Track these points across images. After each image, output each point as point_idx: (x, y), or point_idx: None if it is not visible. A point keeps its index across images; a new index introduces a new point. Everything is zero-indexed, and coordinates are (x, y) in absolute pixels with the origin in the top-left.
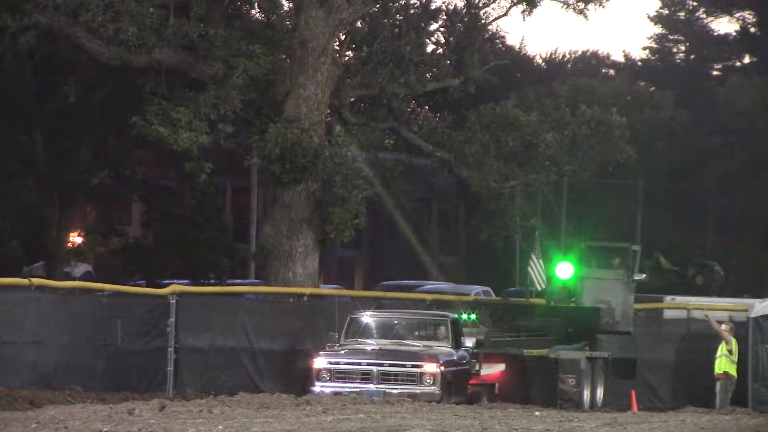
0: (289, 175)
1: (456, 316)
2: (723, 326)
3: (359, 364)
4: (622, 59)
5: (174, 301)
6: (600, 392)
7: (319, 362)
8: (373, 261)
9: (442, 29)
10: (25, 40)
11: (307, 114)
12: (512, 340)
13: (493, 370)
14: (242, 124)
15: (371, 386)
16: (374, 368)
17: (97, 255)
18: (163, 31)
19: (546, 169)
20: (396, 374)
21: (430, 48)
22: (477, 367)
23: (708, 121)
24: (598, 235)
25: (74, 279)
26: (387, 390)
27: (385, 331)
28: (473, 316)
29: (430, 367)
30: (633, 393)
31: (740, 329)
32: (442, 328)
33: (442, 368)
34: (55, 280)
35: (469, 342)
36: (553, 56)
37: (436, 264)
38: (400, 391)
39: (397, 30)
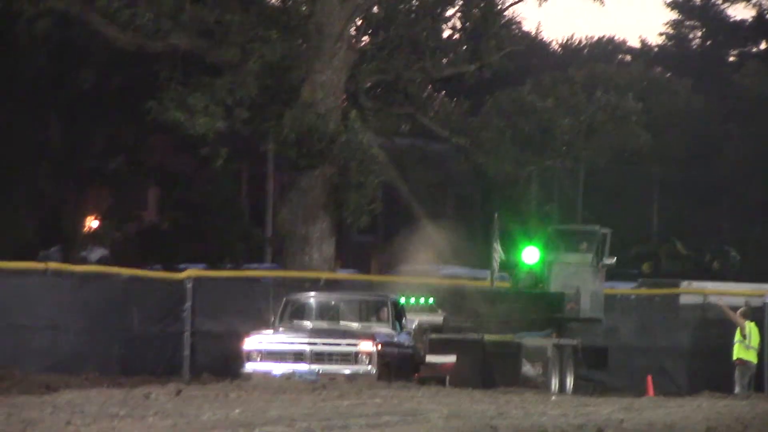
0: (305, 160)
1: (397, 298)
2: (739, 311)
3: (291, 343)
4: (638, 45)
5: (190, 286)
6: (569, 381)
7: (250, 343)
8: (389, 246)
9: (458, 14)
10: (41, 26)
11: (323, 99)
12: (472, 325)
13: (444, 360)
14: (258, 109)
15: (304, 366)
16: (307, 348)
17: (113, 240)
18: (179, 17)
19: (562, 154)
20: (330, 353)
21: (446, 33)
22: (423, 354)
23: (724, 107)
24: (615, 221)
25: (90, 263)
26: (321, 370)
27: (322, 312)
28: (431, 300)
29: (366, 346)
30: (649, 378)
31: (757, 314)
32: (383, 310)
33: (379, 347)
34: (71, 264)
35: (412, 325)
36: (570, 42)
37: (453, 249)
38: (334, 371)
39: (413, 15)
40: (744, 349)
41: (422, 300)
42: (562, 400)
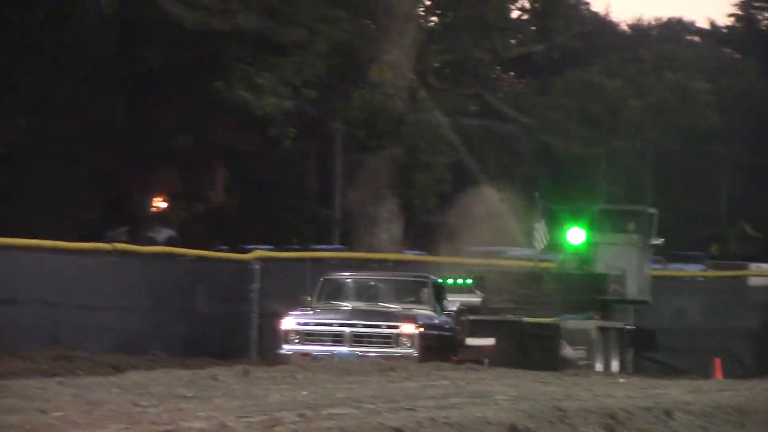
0: (374, 140)
1: (437, 278)
2: None
3: (330, 325)
4: (706, 26)
5: (258, 267)
6: (615, 365)
7: (288, 323)
8: (458, 227)
9: None
10: (108, 4)
11: (392, 79)
12: (511, 307)
13: (483, 342)
14: (326, 89)
15: (343, 349)
16: (347, 329)
17: (180, 220)
18: None
19: (630, 135)
20: (370, 336)
21: (514, 13)
22: (462, 336)
23: None
24: (684, 202)
25: (158, 244)
26: (360, 353)
27: (361, 293)
28: (469, 281)
29: (408, 328)
30: (717, 360)
31: None
32: (424, 291)
33: (421, 330)
34: (138, 245)
35: (453, 306)
36: (638, 22)
37: (520, 230)
38: (374, 353)
39: None
40: None
41: (460, 281)
42: (630, 382)
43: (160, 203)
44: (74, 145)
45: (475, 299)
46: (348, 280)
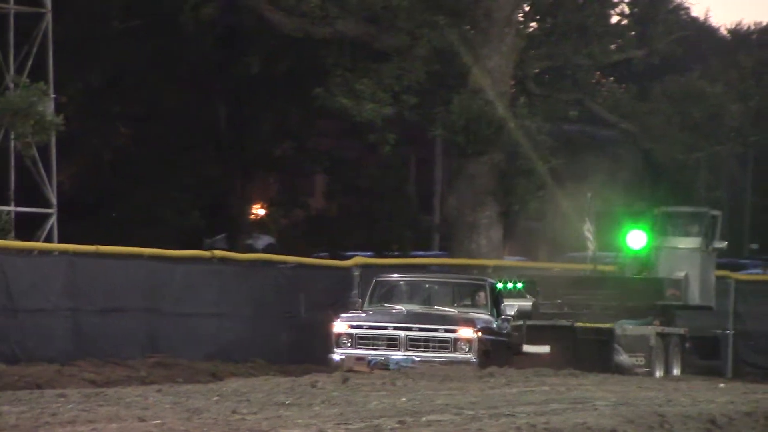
0: (474, 146)
1: (495, 281)
2: None
3: (385, 328)
4: None
5: (357, 274)
6: (676, 372)
7: (340, 326)
8: (558, 232)
9: (625, 0)
10: (207, 12)
11: (492, 85)
12: (563, 312)
13: (540, 350)
14: (426, 95)
15: (398, 353)
16: (402, 333)
17: (279, 227)
18: (346, 3)
19: (731, 140)
20: (426, 340)
21: (614, 19)
22: (519, 342)
23: None
24: None
25: (257, 251)
26: (416, 357)
27: (416, 295)
28: (519, 285)
29: (466, 333)
30: None
31: None
32: (480, 294)
33: (480, 335)
34: (237, 252)
35: (510, 311)
36: (738, 27)
37: (621, 236)
38: (430, 358)
39: (580, 1)
40: None
41: (510, 285)
42: (730, 387)
43: (259, 210)
44: (176, 152)
45: (527, 304)
46: (401, 281)
